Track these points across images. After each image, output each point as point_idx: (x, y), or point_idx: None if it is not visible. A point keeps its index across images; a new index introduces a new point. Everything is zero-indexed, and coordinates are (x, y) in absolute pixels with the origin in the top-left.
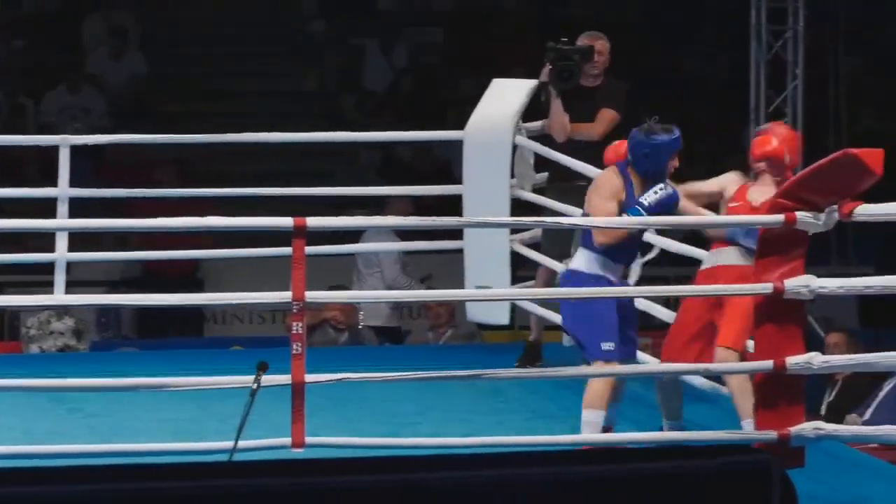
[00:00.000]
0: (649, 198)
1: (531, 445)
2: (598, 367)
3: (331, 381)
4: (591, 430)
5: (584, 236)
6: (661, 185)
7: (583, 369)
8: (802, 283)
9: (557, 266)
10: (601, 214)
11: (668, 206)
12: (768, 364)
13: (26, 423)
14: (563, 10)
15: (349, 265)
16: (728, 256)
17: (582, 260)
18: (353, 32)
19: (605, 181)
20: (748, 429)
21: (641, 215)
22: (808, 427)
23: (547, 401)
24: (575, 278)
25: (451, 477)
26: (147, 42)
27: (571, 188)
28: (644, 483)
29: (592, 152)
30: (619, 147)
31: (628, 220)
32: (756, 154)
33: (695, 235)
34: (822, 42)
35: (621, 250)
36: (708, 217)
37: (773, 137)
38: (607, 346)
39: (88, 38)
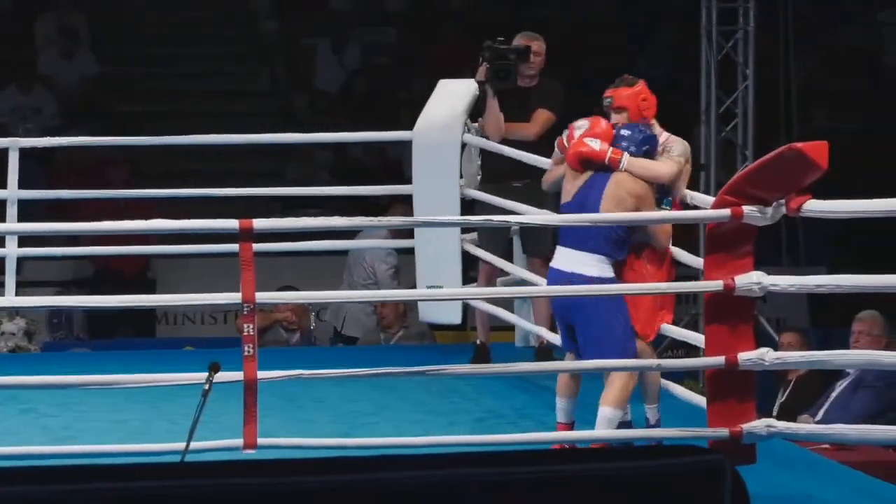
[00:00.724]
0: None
1: (484, 445)
2: (570, 363)
3: (283, 377)
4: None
5: (588, 240)
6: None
7: (537, 365)
8: (754, 281)
9: (498, 263)
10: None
11: None
12: (720, 360)
13: None
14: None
15: (299, 265)
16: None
17: (594, 267)
18: (305, 32)
19: (640, 188)
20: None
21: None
22: (759, 424)
23: (499, 401)
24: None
25: (406, 477)
26: (98, 42)
27: (506, 188)
28: (594, 483)
29: (528, 152)
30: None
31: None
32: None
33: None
34: (773, 43)
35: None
36: (659, 213)
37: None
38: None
39: (40, 38)
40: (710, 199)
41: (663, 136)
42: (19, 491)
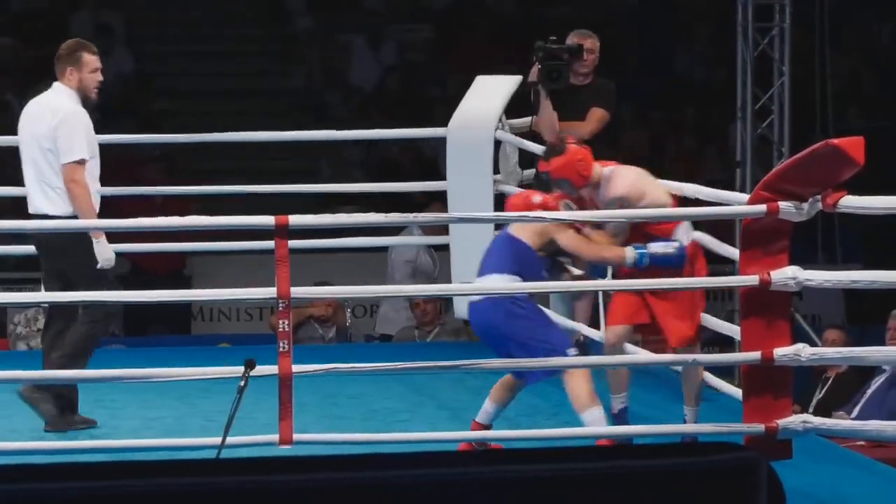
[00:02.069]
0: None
1: (519, 441)
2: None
3: (318, 371)
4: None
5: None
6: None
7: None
8: (789, 275)
9: None
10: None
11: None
12: (756, 355)
13: (12, 421)
14: (550, 8)
15: (334, 261)
16: None
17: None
18: (340, 29)
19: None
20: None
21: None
22: (795, 420)
23: (535, 397)
24: (528, 306)
25: (439, 474)
26: (133, 40)
27: None
28: (629, 480)
29: None
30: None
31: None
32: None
33: None
34: (808, 39)
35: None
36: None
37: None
38: (572, 350)
39: (75, 36)
40: (745, 197)
41: (606, 170)
42: (54, 487)
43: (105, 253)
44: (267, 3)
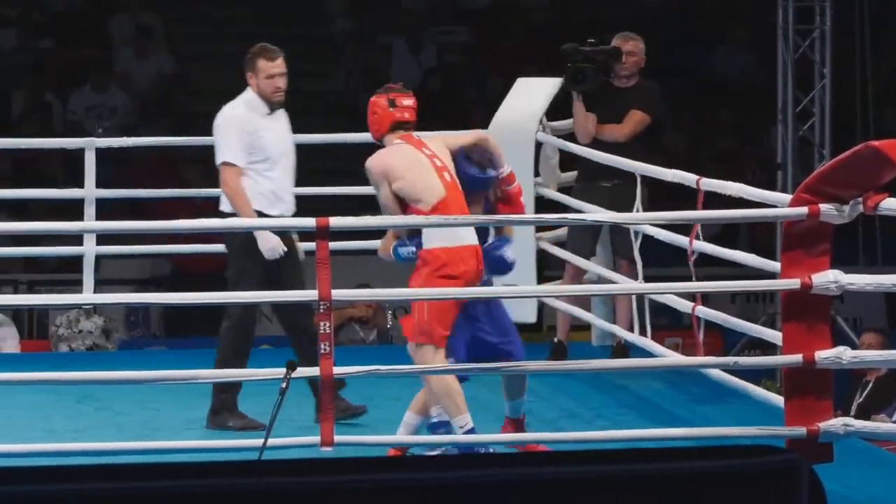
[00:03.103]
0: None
1: (558, 443)
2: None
3: (359, 373)
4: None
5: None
6: None
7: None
8: (831, 279)
9: (584, 264)
10: None
11: None
12: (797, 358)
13: (50, 422)
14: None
15: (375, 263)
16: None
17: None
18: (379, 31)
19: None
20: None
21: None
22: (837, 423)
23: (575, 401)
24: None
25: (480, 475)
26: (173, 41)
27: (594, 188)
28: (670, 482)
29: (619, 153)
30: None
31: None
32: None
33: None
34: (849, 41)
35: None
36: (716, 212)
37: None
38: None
39: (115, 37)
40: (787, 198)
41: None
42: (94, 488)
43: (266, 244)
44: (306, 5)
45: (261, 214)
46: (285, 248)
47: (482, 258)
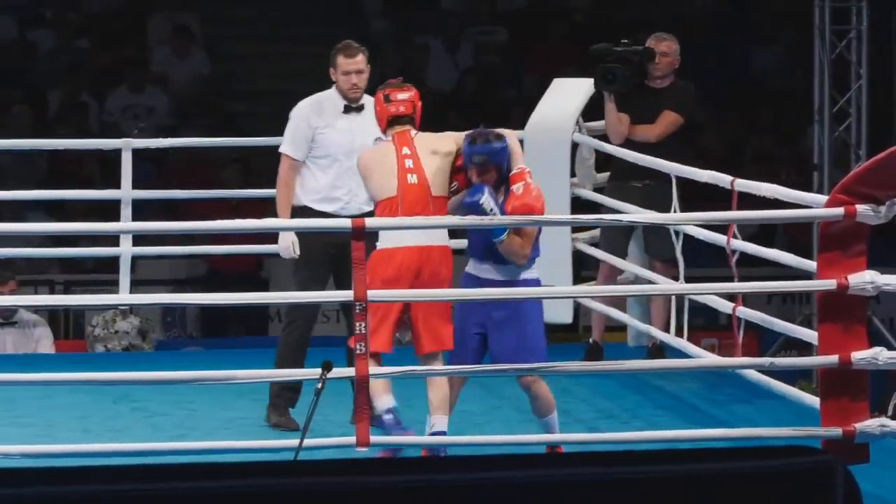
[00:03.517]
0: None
1: (593, 444)
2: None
3: (394, 374)
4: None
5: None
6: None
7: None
8: (867, 280)
9: (620, 264)
10: None
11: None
12: (833, 359)
13: (87, 422)
14: (622, 11)
15: None
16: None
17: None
18: (416, 31)
19: None
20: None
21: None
22: (873, 423)
23: (611, 401)
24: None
25: (514, 476)
26: (210, 41)
27: (625, 188)
28: (705, 483)
29: (652, 154)
30: None
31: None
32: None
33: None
34: (886, 42)
35: None
36: (752, 212)
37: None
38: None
39: (152, 37)
40: (824, 199)
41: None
42: (130, 489)
43: (281, 242)
44: (343, 5)
45: (310, 210)
46: (298, 252)
47: (435, 257)
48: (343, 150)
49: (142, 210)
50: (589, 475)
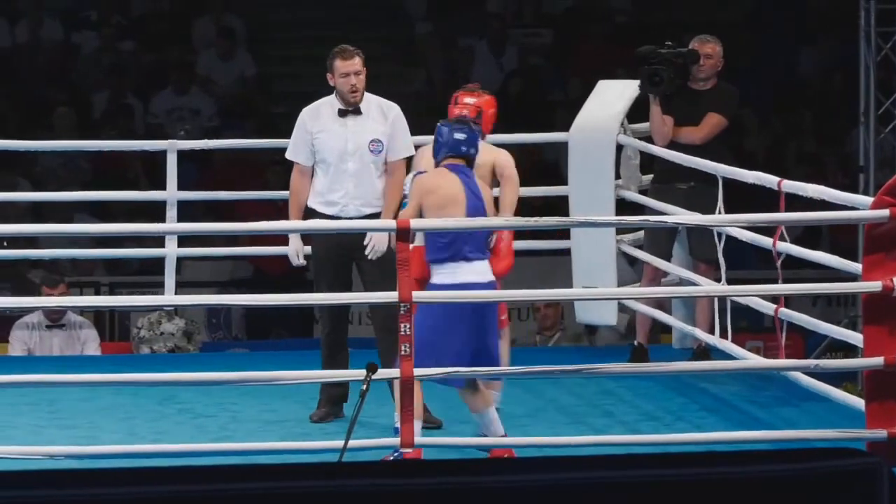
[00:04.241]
0: None
1: (641, 445)
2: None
3: (439, 375)
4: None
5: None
6: None
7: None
8: None
9: (664, 266)
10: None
11: None
12: (878, 361)
13: (132, 424)
14: (667, 12)
15: None
16: None
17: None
18: (460, 33)
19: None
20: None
21: None
22: None
23: (655, 403)
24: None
25: (560, 478)
26: (255, 43)
27: (669, 190)
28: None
29: (696, 156)
30: None
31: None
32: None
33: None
34: None
35: None
36: (797, 214)
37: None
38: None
39: (197, 40)
40: (869, 200)
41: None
42: (174, 490)
43: (289, 248)
44: (387, 7)
45: (315, 212)
46: (302, 260)
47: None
48: (335, 154)
49: (184, 212)
50: (632, 477)
